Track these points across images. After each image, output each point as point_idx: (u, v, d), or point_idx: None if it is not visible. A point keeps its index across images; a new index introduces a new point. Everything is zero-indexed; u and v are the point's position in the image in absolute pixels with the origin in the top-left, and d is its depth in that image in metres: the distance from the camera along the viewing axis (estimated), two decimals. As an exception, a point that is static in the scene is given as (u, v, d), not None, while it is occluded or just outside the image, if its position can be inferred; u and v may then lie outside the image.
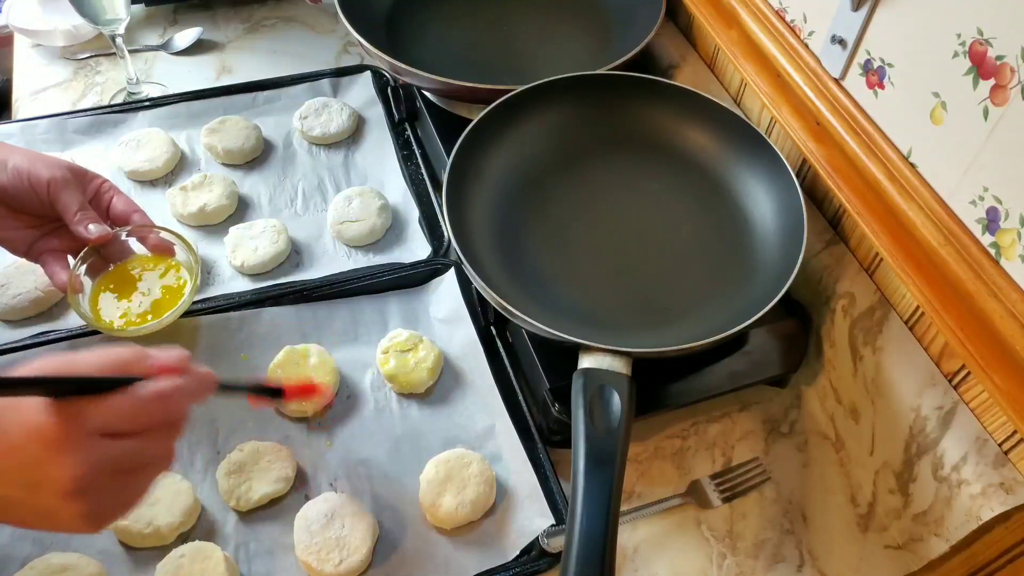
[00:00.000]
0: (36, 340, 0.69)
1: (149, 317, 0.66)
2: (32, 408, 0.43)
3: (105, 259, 0.68)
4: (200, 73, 0.99)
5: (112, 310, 0.67)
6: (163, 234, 0.68)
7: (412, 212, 0.82)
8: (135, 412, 0.45)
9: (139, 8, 1.05)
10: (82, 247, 0.66)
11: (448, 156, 0.70)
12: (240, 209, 0.83)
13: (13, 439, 0.43)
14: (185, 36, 1.02)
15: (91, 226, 0.64)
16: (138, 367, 0.46)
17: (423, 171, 0.86)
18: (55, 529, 0.46)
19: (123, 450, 0.45)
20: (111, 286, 0.68)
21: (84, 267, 0.67)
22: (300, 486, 0.65)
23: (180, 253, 0.69)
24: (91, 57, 1.00)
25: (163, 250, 0.69)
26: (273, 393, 0.57)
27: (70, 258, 0.68)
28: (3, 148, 0.65)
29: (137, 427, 0.45)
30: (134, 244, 0.70)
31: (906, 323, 0.64)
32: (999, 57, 0.50)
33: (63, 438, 0.43)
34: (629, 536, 0.64)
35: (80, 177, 0.66)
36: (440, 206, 0.79)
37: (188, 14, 1.07)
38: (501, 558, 0.61)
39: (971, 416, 0.58)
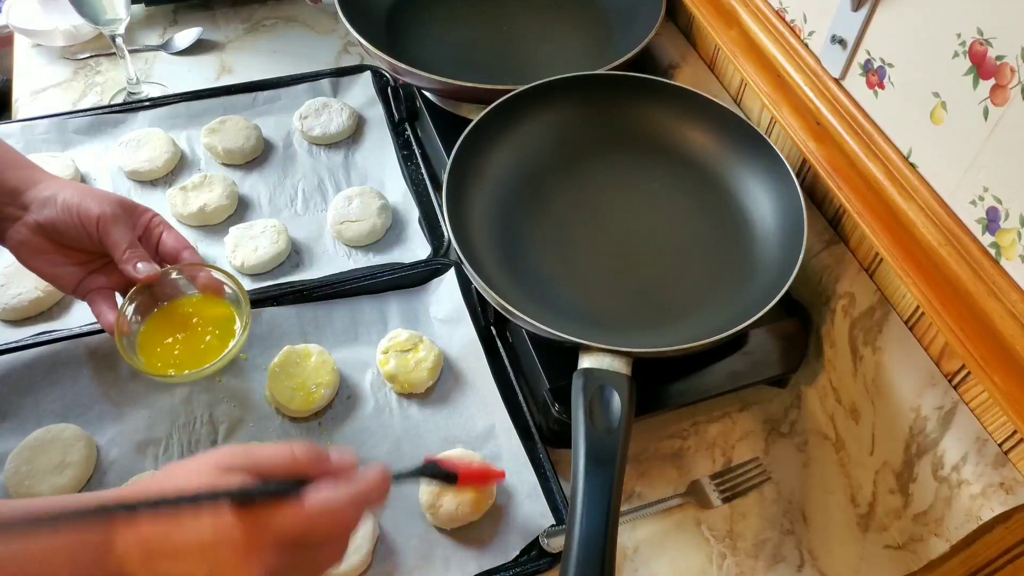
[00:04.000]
0: (36, 340, 0.69)
1: (198, 360, 0.63)
2: (223, 511, 0.43)
3: (154, 297, 0.65)
4: (200, 73, 1.00)
5: (160, 353, 0.64)
6: (214, 273, 0.65)
7: (412, 212, 0.82)
8: (315, 523, 0.45)
9: (139, 8, 1.05)
10: (131, 284, 0.63)
11: (448, 156, 0.70)
12: (240, 209, 0.83)
13: (206, 537, 0.43)
14: (185, 36, 1.02)
15: (140, 265, 0.62)
16: (316, 469, 0.47)
17: (423, 171, 0.86)
18: None
19: (301, 560, 0.45)
20: (159, 327, 0.65)
21: (132, 307, 0.63)
22: (300, 486, 0.65)
23: (230, 292, 0.66)
24: (91, 57, 1.00)
25: (213, 289, 0.65)
26: (446, 478, 0.55)
27: (118, 296, 0.65)
28: (54, 182, 0.63)
29: (315, 538, 0.46)
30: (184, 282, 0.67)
31: (906, 323, 0.64)
32: (999, 57, 0.50)
33: (252, 544, 0.43)
34: (629, 536, 0.64)
35: (130, 212, 0.64)
36: (440, 206, 0.79)
37: (188, 14, 1.07)
38: (501, 558, 0.61)
39: (971, 416, 0.58)
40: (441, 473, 0.55)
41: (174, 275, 0.66)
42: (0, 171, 0.63)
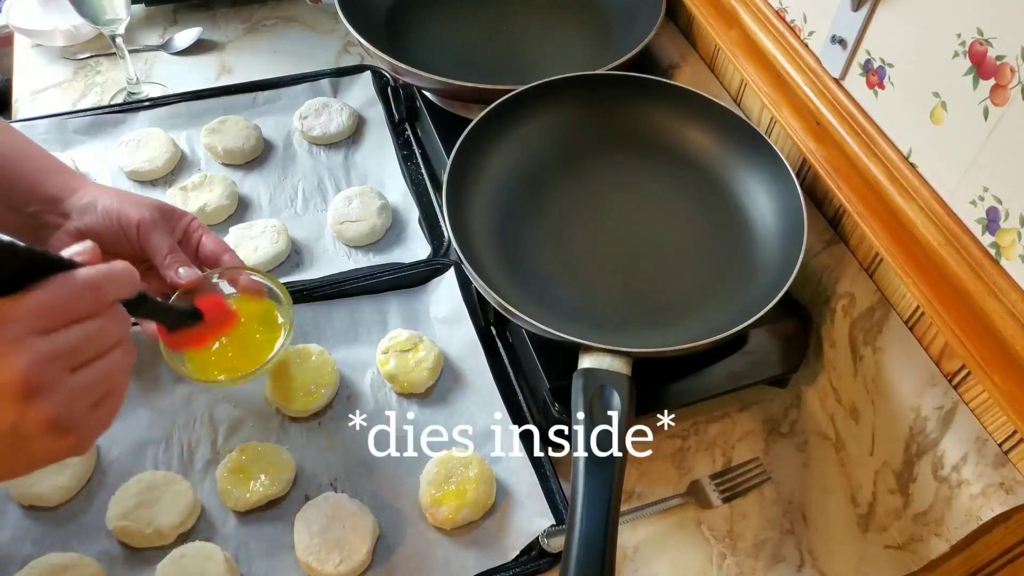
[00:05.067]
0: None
1: (248, 362, 0.61)
2: None
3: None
4: (200, 73, 1.00)
5: (206, 358, 0.62)
6: (254, 276, 0.64)
7: (412, 212, 0.82)
8: (67, 302, 0.42)
9: (139, 8, 1.05)
10: (172, 289, 0.62)
11: (448, 156, 0.70)
12: (240, 209, 0.83)
13: None
14: (185, 36, 1.02)
15: (181, 270, 0.61)
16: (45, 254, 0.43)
17: (423, 171, 0.86)
18: (31, 457, 0.42)
19: (68, 339, 0.42)
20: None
21: None
22: (300, 486, 0.65)
23: (272, 294, 0.65)
24: (91, 57, 1.00)
25: (254, 292, 0.64)
26: (190, 316, 0.56)
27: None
28: (93, 188, 0.63)
29: (73, 317, 0.43)
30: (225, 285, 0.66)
31: (906, 323, 0.64)
32: (999, 57, 0.50)
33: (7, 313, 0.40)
34: (629, 536, 0.64)
35: (168, 216, 0.64)
36: (440, 206, 0.79)
37: (188, 14, 1.07)
38: (501, 558, 0.61)
39: (971, 416, 0.58)
40: (184, 313, 0.57)
41: (215, 279, 0.65)
42: (40, 179, 0.62)
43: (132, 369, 0.47)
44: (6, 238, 0.40)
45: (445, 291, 0.75)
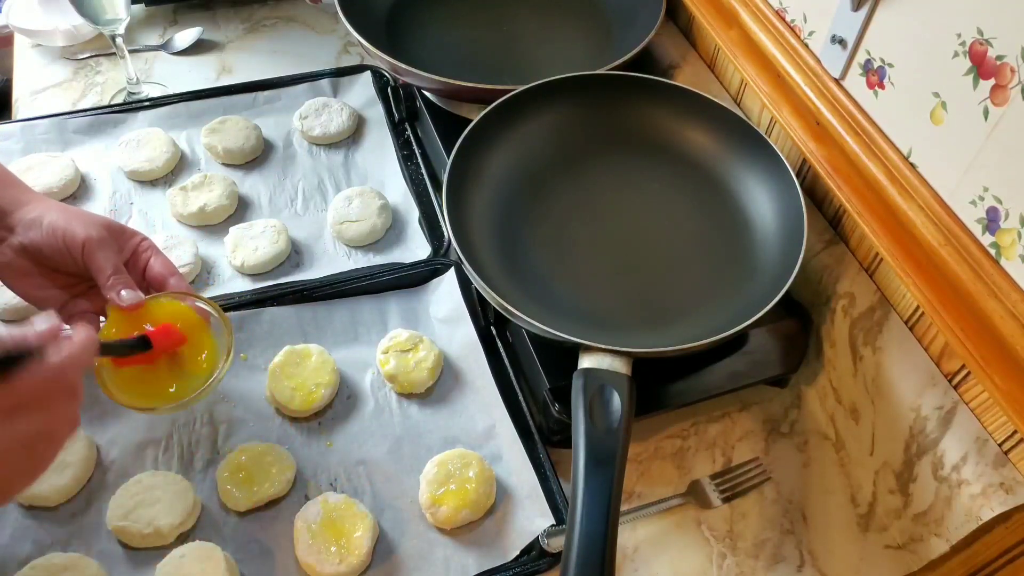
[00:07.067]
0: (36, 340, 0.69)
1: (175, 388, 0.60)
2: None
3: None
4: (200, 73, 1.00)
5: (139, 382, 0.60)
6: (198, 302, 0.62)
7: (412, 212, 0.82)
8: (37, 391, 0.46)
9: (139, 8, 1.05)
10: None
11: (448, 156, 0.70)
12: (240, 209, 0.83)
13: None
14: (185, 36, 1.02)
15: (124, 292, 0.60)
16: (19, 344, 0.46)
17: (423, 171, 0.86)
18: None
19: (30, 427, 0.46)
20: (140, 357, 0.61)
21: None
22: (300, 486, 0.65)
23: (214, 322, 0.63)
24: (91, 57, 1.00)
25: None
26: (141, 345, 0.57)
27: (103, 320, 0.63)
28: (41, 204, 0.62)
29: (41, 404, 0.46)
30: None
31: (906, 323, 0.64)
32: (999, 57, 0.50)
33: None
34: (629, 536, 0.64)
35: (117, 235, 0.63)
36: (440, 206, 0.79)
37: (188, 14, 1.07)
38: (501, 558, 0.61)
39: (971, 416, 0.58)
40: (134, 343, 0.57)
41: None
42: None
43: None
44: None
45: (445, 291, 0.75)
